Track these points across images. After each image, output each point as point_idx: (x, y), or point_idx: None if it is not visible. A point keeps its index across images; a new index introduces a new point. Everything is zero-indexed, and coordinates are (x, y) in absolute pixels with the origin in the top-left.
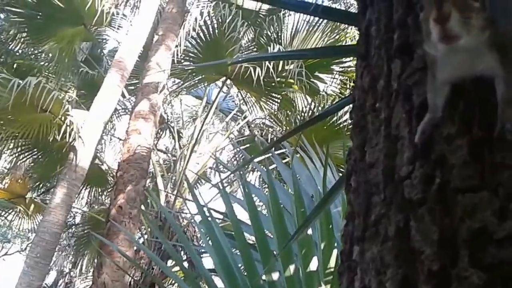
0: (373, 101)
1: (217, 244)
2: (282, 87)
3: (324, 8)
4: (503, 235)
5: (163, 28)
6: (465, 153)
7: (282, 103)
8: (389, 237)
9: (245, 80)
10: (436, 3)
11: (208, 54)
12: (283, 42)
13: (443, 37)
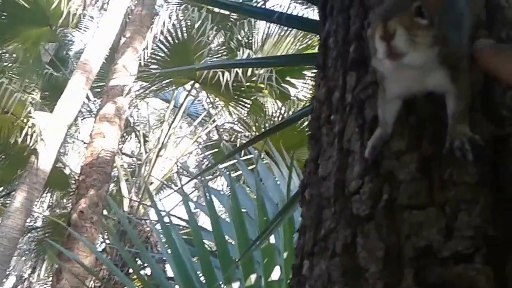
0: (328, 113)
1: (176, 251)
2: (252, 92)
3: (288, 16)
4: (448, 254)
5: (130, 30)
6: (414, 169)
7: (252, 108)
8: (337, 253)
9: (214, 85)
10: (382, 21)
11: (176, 57)
12: (253, 46)
13: (388, 54)
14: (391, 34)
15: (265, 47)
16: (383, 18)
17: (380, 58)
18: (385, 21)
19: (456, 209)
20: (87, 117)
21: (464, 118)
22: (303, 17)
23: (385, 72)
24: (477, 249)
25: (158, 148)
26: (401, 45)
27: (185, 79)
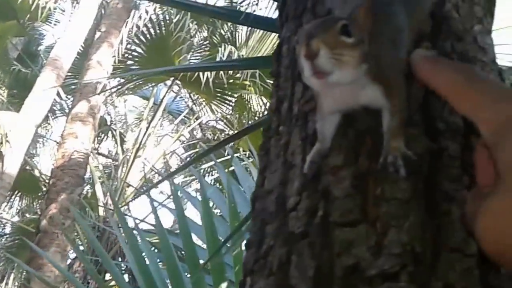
0: (277, 124)
1: (141, 259)
2: (235, 89)
3: (255, 17)
4: (374, 272)
5: (106, 24)
6: (348, 185)
7: (236, 105)
8: (273, 272)
9: (194, 82)
10: (306, 39)
11: (154, 53)
12: (237, 41)
13: (313, 73)
14: (314, 53)
15: (250, 42)
16: (308, 37)
17: (307, 77)
18: (309, 40)
19: (386, 226)
20: (60, 116)
21: (399, 133)
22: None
23: (316, 89)
24: (403, 267)
25: (136, 148)
26: (324, 64)
27: (164, 76)
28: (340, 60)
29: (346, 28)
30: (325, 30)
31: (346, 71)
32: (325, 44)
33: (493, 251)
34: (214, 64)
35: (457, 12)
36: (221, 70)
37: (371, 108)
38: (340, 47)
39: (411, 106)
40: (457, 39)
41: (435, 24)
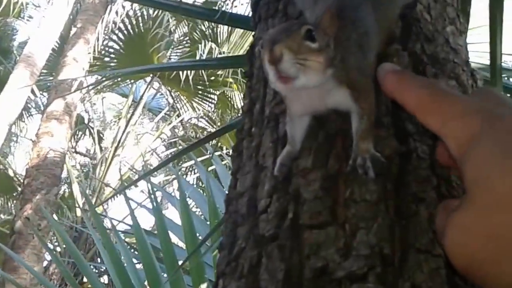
0: (250, 125)
1: (117, 260)
2: (217, 85)
3: (231, 15)
4: (343, 274)
5: (82, 20)
6: (317, 187)
7: (219, 103)
8: (244, 274)
9: (173, 79)
10: (270, 44)
11: (131, 50)
12: (219, 38)
13: (278, 78)
14: (278, 58)
15: (232, 38)
16: (271, 42)
17: (272, 82)
18: (273, 44)
19: (355, 228)
20: (35, 114)
21: (368, 136)
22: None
23: (282, 93)
24: (371, 268)
25: (114, 146)
26: (288, 69)
27: (143, 73)
28: (304, 65)
29: (310, 33)
30: (289, 35)
31: (311, 76)
32: (289, 49)
33: (461, 265)
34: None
35: (429, 13)
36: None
37: (340, 111)
38: (304, 52)
39: (380, 109)
40: (427, 40)
41: (406, 26)
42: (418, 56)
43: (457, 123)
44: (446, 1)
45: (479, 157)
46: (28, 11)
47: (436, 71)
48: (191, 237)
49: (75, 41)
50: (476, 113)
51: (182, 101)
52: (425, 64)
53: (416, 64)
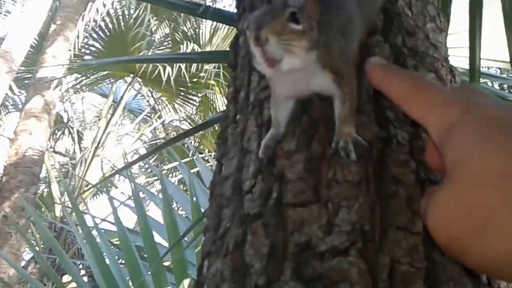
0: (235, 113)
1: (101, 259)
2: (199, 88)
3: (214, 10)
4: (325, 248)
5: (62, 16)
6: (301, 168)
7: (201, 105)
8: (229, 252)
9: (154, 79)
10: (255, 26)
11: (112, 48)
12: (200, 39)
13: (264, 60)
14: (264, 40)
15: (214, 40)
16: (257, 24)
17: (258, 63)
18: (258, 26)
19: (337, 206)
20: (12, 111)
21: (350, 120)
22: (230, 12)
23: (268, 75)
24: (353, 243)
25: (94, 146)
26: (274, 51)
27: (123, 72)
28: (289, 46)
29: (294, 15)
30: (274, 17)
31: (296, 58)
32: (274, 31)
33: (443, 242)
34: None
35: (410, 9)
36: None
37: (323, 95)
38: (288, 34)
39: (362, 96)
40: (408, 34)
41: (387, 19)
42: (399, 48)
43: (438, 112)
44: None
45: (458, 141)
46: (5, 6)
47: (416, 63)
48: (174, 235)
49: (54, 38)
50: (456, 102)
51: (163, 103)
52: (405, 56)
53: (397, 56)
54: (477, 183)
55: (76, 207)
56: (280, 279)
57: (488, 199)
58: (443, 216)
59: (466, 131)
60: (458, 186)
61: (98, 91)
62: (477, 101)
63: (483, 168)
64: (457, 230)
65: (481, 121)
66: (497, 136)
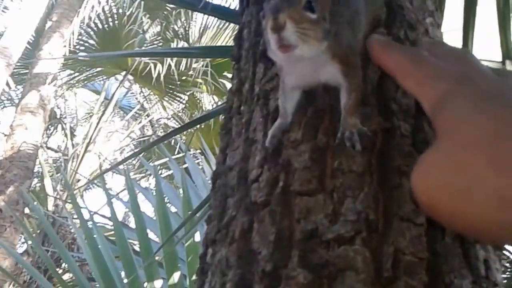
0: (239, 104)
1: (96, 251)
2: (188, 86)
3: (222, 8)
4: (331, 236)
5: (57, 14)
6: (307, 158)
7: (188, 103)
8: (235, 239)
9: (145, 76)
10: (273, 13)
11: (106, 45)
12: (190, 38)
13: (280, 46)
14: (281, 26)
15: (203, 39)
16: (275, 11)
17: (273, 49)
18: (276, 14)
19: (343, 196)
20: (8, 106)
21: (355, 111)
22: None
23: (280, 63)
24: (358, 233)
25: (86, 142)
26: (290, 37)
27: (116, 68)
28: (304, 34)
29: (310, 4)
30: (291, 5)
31: (310, 45)
32: (291, 18)
33: (427, 200)
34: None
35: (411, 3)
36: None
37: (329, 86)
38: (304, 22)
39: (366, 88)
40: (410, 27)
41: (390, 13)
42: (402, 41)
43: (432, 84)
44: None
45: (451, 110)
46: (4, 3)
47: None
48: (166, 231)
49: (50, 35)
50: (449, 75)
51: (152, 101)
52: None
53: None
54: (466, 146)
55: (74, 200)
56: (287, 265)
57: (476, 162)
58: (430, 175)
59: (459, 102)
60: (447, 148)
61: (91, 87)
62: (470, 75)
63: (474, 133)
64: (443, 190)
65: (474, 93)
66: (488, 106)
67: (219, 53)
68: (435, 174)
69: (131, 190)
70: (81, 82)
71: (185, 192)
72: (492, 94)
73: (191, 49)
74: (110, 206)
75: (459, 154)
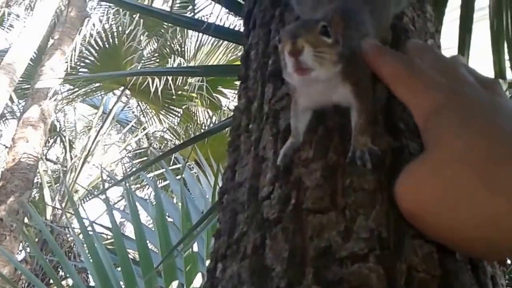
0: (247, 122)
1: (97, 260)
2: (183, 100)
3: (216, 27)
4: (345, 254)
5: (59, 32)
6: (319, 176)
7: (183, 117)
8: (247, 255)
9: (143, 91)
10: (291, 37)
11: (105, 62)
12: (186, 54)
13: (296, 69)
14: (299, 50)
15: (198, 56)
16: (292, 35)
17: (290, 72)
18: (294, 38)
19: (355, 213)
20: (10, 119)
21: (366, 130)
22: (231, 29)
23: (295, 85)
24: (371, 250)
25: (84, 155)
26: (308, 60)
27: (114, 84)
28: (321, 58)
29: (326, 28)
30: (308, 30)
31: (326, 69)
32: (309, 43)
33: (410, 210)
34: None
35: (413, 25)
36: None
37: (341, 106)
38: (321, 46)
39: (376, 108)
40: None
41: (396, 35)
42: None
43: (424, 95)
44: (426, 16)
45: (442, 123)
46: (9, 21)
47: None
48: (165, 242)
49: (52, 52)
50: (440, 88)
51: (149, 114)
52: None
53: None
54: (456, 160)
55: (76, 209)
56: (302, 282)
57: (466, 178)
58: (418, 186)
59: (450, 115)
60: (437, 161)
61: (89, 102)
62: (460, 89)
63: (464, 148)
64: (429, 202)
65: (465, 107)
66: (479, 122)
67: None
68: (423, 186)
69: (131, 202)
70: (80, 96)
71: (184, 205)
72: (483, 110)
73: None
74: (110, 215)
75: (449, 168)
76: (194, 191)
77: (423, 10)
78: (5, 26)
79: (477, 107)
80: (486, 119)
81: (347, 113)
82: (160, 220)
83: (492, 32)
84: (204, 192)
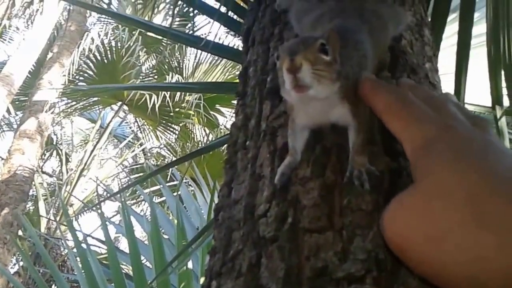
0: (244, 139)
1: (90, 274)
2: (180, 117)
3: (215, 44)
4: (342, 275)
5: (59, 45)
6: (316, 195)
7: (180, 134)
8: (242, 273)
9: (140, 107)
10: (289, 55)
11: (103, 76)
12: (184, 72)
13: (294, 86)
14: (297, 67)
15: (196, 74)
16: (291, 53)
17: (288, 90)
18: (293, 55)
19: (352, 234)
20: (7, 131)
21: (363, 150)
22: (229, 47)
23: (293, 102)
24: (368, 272)
25: (80, 168)
26: (306, 78)
27: (112, 99)
28: (319, 75)
29: (324, 46)
30: (307, 47)
31: (323, 86)
32: (307, 60)
33: (397, 242)
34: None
35: (411, 48)
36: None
37: (338, 125)
38: (319, 64)
39: (374, 128)
40: (413, 71)
41: (394, 57)
42: None
43: (416, 127)
44: (424, 40)
45: (432, 157)
46: (9, 34)
47: None
48: (159, 256)
49: (51, 65)
50: (432, 122)
51: (146, 130)
52: None
53: None
54: (446, 194)
55: (70, 222)
56: None
57: (454, 213)
58: (404, 217)
59: (441, 149)
60: (425, 193)
61: (87, 116)
62: (450, 124)
63: (454, 182)
64: (416, 234)
65: (456, 142)
66: (470, 158)
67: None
68: (410, 217)
69: (126, 216)
70: (78, 110)
71: (179, 222)
72: (474, 146)
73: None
74: (105, 230)
75: (438, 201)
76: (190, 208)
77: (421, 33)
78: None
79: (468, 143)
80: (477, 155)
81: (344, 132)
82: (155, 236)
83: (489, 59)
84: (200, 209)
